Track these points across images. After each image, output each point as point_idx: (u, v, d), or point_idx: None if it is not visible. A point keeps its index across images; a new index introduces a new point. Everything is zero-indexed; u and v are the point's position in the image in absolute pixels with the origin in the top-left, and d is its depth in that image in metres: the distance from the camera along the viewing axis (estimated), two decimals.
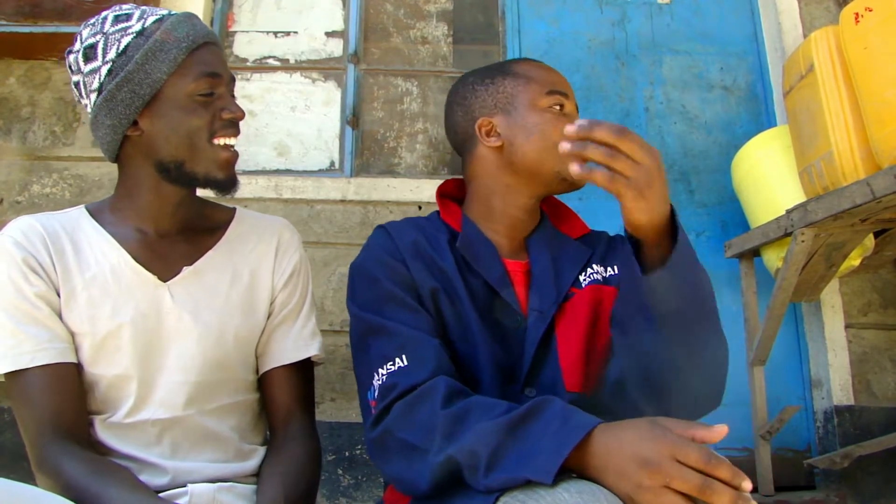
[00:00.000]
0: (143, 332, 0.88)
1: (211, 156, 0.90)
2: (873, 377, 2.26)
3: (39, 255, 0.86)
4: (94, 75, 0.89)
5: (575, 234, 1.04)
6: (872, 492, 2.12)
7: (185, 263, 0.93)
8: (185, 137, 0.88)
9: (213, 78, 0.90)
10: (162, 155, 0.90)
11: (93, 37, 0.89)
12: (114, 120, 0.88)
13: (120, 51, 0.87)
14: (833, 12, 2.52)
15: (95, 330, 0.86)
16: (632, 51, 2.61)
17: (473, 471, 0.70)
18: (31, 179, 2.32)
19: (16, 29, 2.23)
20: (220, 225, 1.01)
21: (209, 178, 0.91)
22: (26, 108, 2.39)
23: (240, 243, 0.99)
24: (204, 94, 0.89)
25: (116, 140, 0.91)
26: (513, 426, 0.70)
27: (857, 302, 2.33)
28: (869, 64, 1.72)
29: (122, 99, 0.87)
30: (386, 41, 2.68)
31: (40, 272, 0.85)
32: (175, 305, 0.90)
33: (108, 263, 0.90)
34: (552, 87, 0.98)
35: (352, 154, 2.52)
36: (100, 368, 0.87)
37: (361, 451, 2.12)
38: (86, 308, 0.87)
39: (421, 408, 0.78)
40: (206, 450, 0.90)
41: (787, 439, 2.24)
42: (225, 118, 0.90)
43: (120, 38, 0.88)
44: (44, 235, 0.88)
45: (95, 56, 0.88)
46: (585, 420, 0.69)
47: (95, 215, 0.95)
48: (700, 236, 2.46)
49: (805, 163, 1.96)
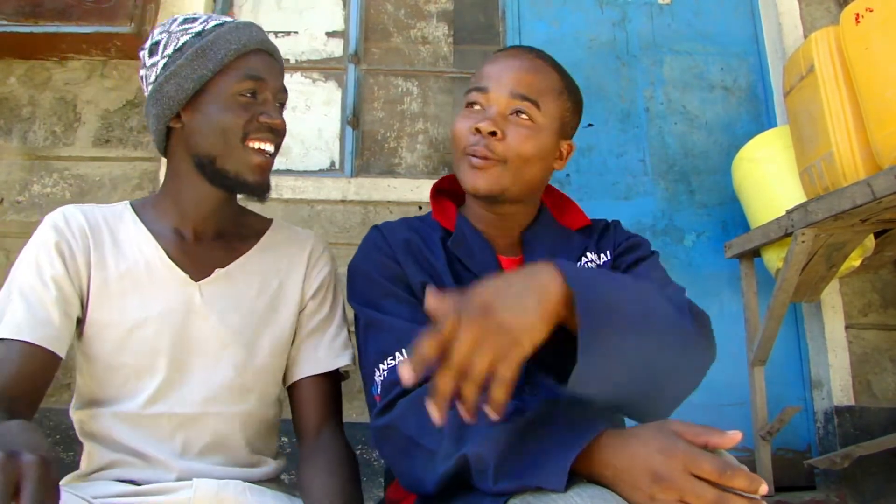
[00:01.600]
0: (169, 326, 0.91)
1: (243, 157, 0.92)
2: (873, 377, 2.26)
3: (74, 243, 0.90)
4: (153, 69, 0.93)
5: (575, 226, 1.03)
6: (872, 492, 2.12)
7: (217, 266, 0.96)
8: (218, 134, 0.91)
9: (257, 81, 0.92)
10: (198, 149, 0.93)
11: (160, 35, 0.94)
12: (158, 110, 0.93)
13: (177, 48, 0.92)
14: (833, 13, 2.52)
15: (123, 319, 0.89)
16: (632, 51, 2.61)
17: (482, 475, 0.70)
18: (32, 179, 2.32)
19: (16, 29, 2.23)
20: (256, 233, 1.04)
21: (239, 178, 0.93)
22: (27, 108, 2.39)
23: (272, 252, 1.02)
24: (246, 94, 0.92)
25: (161, 130, 0.95)
26: (520, 431, 0.70)
27: (858, 302, 2.33)
28: (869, 64, 1.72)
29: (167, 91, 0.91)
30: (386, 41, 2.68)
31: (67, 258, 0.89)
32: (203, 305, 0.93)
33: (143, 258, 0.93)
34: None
35: (352, 154, 2.52)
36: (124, 357, 0.89)
37: (362, 450, 2.12)
38: (116, 298, 0.90)
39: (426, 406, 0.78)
40: (215, 453, 0.91)
41: (788, 440, 2.24)
42: (262, 122, 0.92)
43: (180, 36, 0.92)
44: (84, 225, 0.92)
45: (157, 52, 0.93)
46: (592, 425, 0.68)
47: (138, 211, 0.98)
48: (700, 236, 2.46)
49: (805, 163, 1.96)
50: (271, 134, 0.94)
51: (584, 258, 0.99)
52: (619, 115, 2.55)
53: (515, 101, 0.91)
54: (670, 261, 2.43)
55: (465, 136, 0.92)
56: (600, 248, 1.00)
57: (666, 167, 2.51)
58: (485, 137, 0.90)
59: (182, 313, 0.92)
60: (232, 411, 0.92)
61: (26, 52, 2.37)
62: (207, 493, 0.84)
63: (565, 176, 2.48)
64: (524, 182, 0.93)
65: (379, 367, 0.84)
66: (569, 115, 0.98)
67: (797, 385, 2.34)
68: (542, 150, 0.93)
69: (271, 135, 0.94)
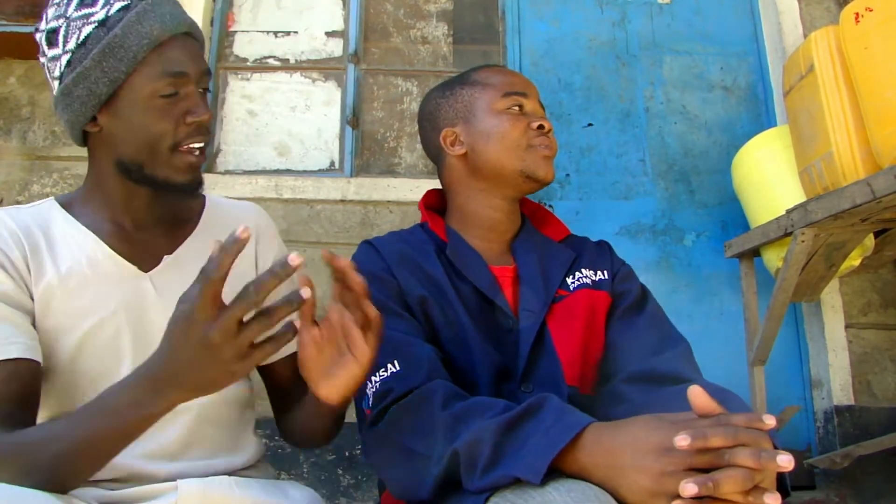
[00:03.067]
0: (126, 325, 0.84)
1: (173, 163, 0.85)
2: (873, 377, 2.26)
3: (10, 252, 0.81)
4: (55, 63, 0.84)
5: (557, 237, 1.06)
6: (872, 492, 2.12)
7: (164, 253, 0.89)
8: (144, 143, 0.83)
9: (178, 77, 0.83)
10: (121, 154, 0.85)
11: (55, 20, 0.83)
12: (70, 115, 0.84)
13: (80, 42, 0.81)
14: (833, 12, 2.52)
15: (76, 325, 0.82)
16: (632, 51, 2.61)
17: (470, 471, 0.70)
18: (32, 179, 2.32)
19: (16, 29, 2.23)
20: (194, 213, 0.97)
21: (170, 182, 0.86)
22: (26, 108, 2.39)
23: (216, 230, 0.94)
24: (166, 95, 0.83)
25: (77, 135, 0.87)
26: (509, 425, 0.70)
27: (858, 302, 2.33)
28: (869, 64, 1.72)
29: (78, 95, 0.82)
30: (386, 41, 2.68)
31: (10, 269, 0.80)
32: (158, 296, 0.86)
33: (84, 255, 0.85)
34: (508, 88, 1.01)
35: (352, 154, 2.52)
36: (82, 365, 0.82)
37: (362, 450, 2.12)
38: (63, 304, 0.82)
39: (419, 411, 0.78)
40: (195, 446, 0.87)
41: (788, 439, 2.24)
42: (189, 123, 0.84)
43: (81, 26, 0.82)
44: (16, 231, 0.83)
45: (56, 42, 0.83)
46: (578, 419, 0.68)
47: (67, 207, 0.90)
48: (700, 236, 2.46)
49: (805, 163, 1.96)
50: (200, 133, 0.86)
51: (577, 273, 1.00)
52: (618, 114, 2.55)
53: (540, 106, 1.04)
54: (670, 260, 2.43)
55: (523, 133, 1.00)
56: (596, 266, 1.02)
57: (666, 167, 2.51)
58: (548, 135, 1.01)
59: (137, 309, 0.85)
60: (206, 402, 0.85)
61: (26, 52, 2.37)
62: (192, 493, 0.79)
63: (565, 176, 2.48)
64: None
65: (371, 379, 0.83)
66: None
67: (797, 385, 2.34)
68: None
69: (200, 134, 0.86)
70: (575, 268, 1.01)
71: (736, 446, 0.58)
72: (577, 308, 0.96)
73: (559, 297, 0.97)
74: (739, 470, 0.56)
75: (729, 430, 0.58)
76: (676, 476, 0.59)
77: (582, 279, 1.00)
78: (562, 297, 0.97)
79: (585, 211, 2.46)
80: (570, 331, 0.94)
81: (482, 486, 0.68)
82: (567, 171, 2.49)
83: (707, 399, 0.62)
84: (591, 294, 0.98)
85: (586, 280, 1.00)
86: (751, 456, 0.56)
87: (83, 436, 0.66)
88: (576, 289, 0.98)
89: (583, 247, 1.06)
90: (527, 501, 0.63)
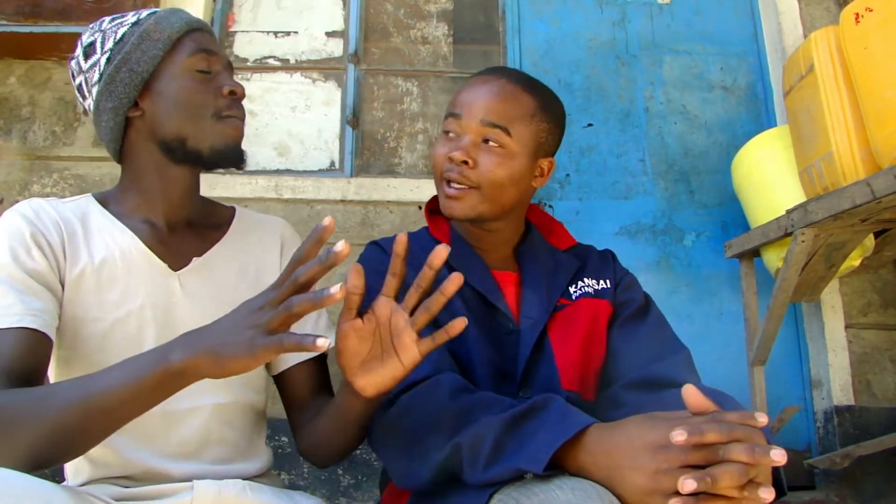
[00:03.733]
0: (151, 320, 0.87)
1: (215, 131, 0.91)
2: (873, 377, 2.26)
3: (49, 235, 0.85)
4: (94, 69, 0.90)
5: (563, 246, 1.06)
6: (872, 492, 2.12)
7: (193, 255, 0.93)
8: (187, 112, 0.89)
9: (209, 55, 0.91)
10: (165, 132, 0.90)
11: (91, 35, 0.92)
12: (115, 102, 0.89)
13: (117, 40, 0.89)
14: (833, 12, 2.52)
15: (103, 316, 0.85)
16: (632, 51, 2.61)
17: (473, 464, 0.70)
18: (32, 179, 2.32)
19: (16, 29, 2.23)
20: (225, 220, 1.01)
21: (214, 150, 0.91)
22: (26, 108, 2.39)
23: (244, 239, 1.00)
24: (201, 70, 0.90)
25: (119, 124, 0.91)
26: (514, 421, 0.71)
27: (858, 302, 2.33)
28: (869, 64, 1.72)
29: (121, 79, 0.88)
30: (386, 41, 2.68)
31: (46, 251, 0.84)
32: (185, 295, 0.90)
33: (119, 249, 0.89)
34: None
35: (352, 154, 2.52)
36: (105, 356, 0.84)
37: (361, 450, 2.12)
38: (94, 293, 0.86)
39: (427, 401, 0.79)
40: (211, 449, 0.89)
41: (788, 439, 2.24)
42: (225, 93, 0.91)
43: (116, 29, 0.90)
44: (57, 219, 0.87)
45: (94, 51, 0.90)
46: (582, 418, 0.69)
47: (103, 203, 0.95)
48: (700, 236, 2.46)
49: (805, 163, 1.96)
50: (237, 106, 0.93)
51: (580, 282, 1.01)
52: (618, 114, 2.55)
53: (486, 128, 0.92)
54: (670, 260, 2.43)
55: (441, 163, 0.95)
56: (599, 275, 1.02)
57: (666, 167, 2.51)
58: (458, 165, 0.92)
59: (163, 305, 0.88)
60: (222, 403, 0.90)
61: (26, 52, 2.38)
62: (207, 494, 0.82)
63: (565, 176, 2.48)
64: (500, 205, 0.95)
65: None
66: (545, 134, 0.98)
67: (797, 385, 2.34)
68: (516, 174, 0.94)
69: (237, 108, 0.93)
70: (578, 277, 1.01)
71: (730, 442, 0.58)
72: (578, 316, 0.97)
73: (561, 306, 0.97)
74: (735, 465, 0.57)
75: (723, 426, 0.59)
76: (672, 473, 0.59)
77: (584, 288, 1.00)
78: (564, 306, 0.97)
79: (585, 211, 2.46)
80: (570, 338, 0.95)
81: (485, 479, 0.69)
82: (567, 171, 2.49)
83: (701, 397, 0.62)
84: (593, 303, 0.99)
85: (588, 289, 1.00)
86: (745, 451, 0.57)
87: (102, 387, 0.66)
88: (578, 297, 0.99)
89: (587, 256, 1.06)
90: (530, 499, 0.64)
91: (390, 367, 0.70)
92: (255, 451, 0.96)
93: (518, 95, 0.95)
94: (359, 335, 0.70)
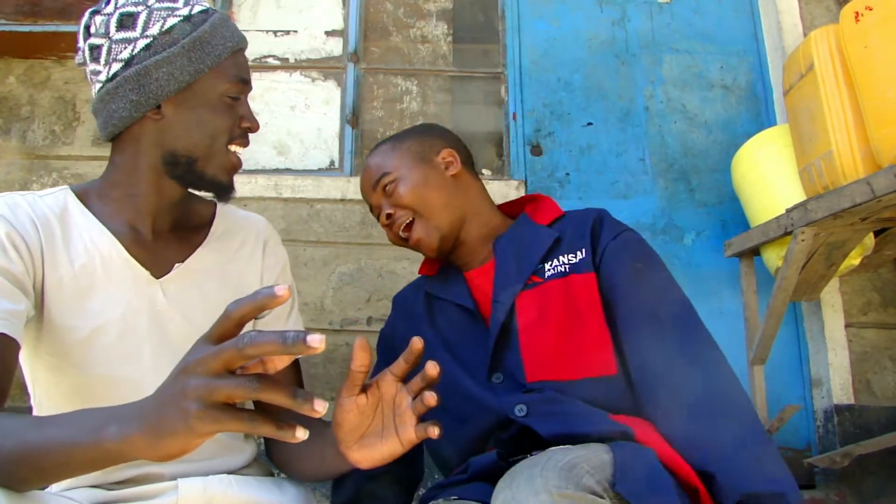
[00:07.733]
0: (133, 329, 0.84)
1: (223, 160, 0.89)
2: (873, 376, 2.26)
3: (28, 236, 0.80)
4: (126, 45, 0.84)
5: (546, 221, 1.05)
6: (872, 491, 2.12)
7: (175, 260, 0.90)
8: (207, 136, 0.87)
9: (244, 84, 0.90)
10: (177, 145, 0.87)
11: (133, 6, 0.85)
12: (140, 97, 0.84)
13: (164, 29, 0.84)
14: (833, 11, 2.52)
15: (82, 324, 0.82)
16: (632, 50, 2.61)
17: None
18: (31, 178, 2.32)
19: (16, 28, 2.23)
20: (205, 221, 0.98)
21: (215, 180, 0.89)
22: (26, 108, 2.39)
23: (225, 241, 0.98)
24: (233, 97, 0.89)
25: (132, 118, 0.86)
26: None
27: (857, 301, 2.33)
28: (869, 63, 1.72)
29: (157, 78, 0.84)
30: (386, 40, 2.68)
31: (23, 252, 0.79)
32: (168, 305, 0.87)
33: (99, 254, 0.85)
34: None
35: (351, 153, 2.51)
36: (90, 366, 0.82)
37: None
38: (73, 300, 0.82)
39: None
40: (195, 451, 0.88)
41: (787, 438, 2.24)
42: (243, 127, 0.90)
43: (166, 16, 0.85)
44: (33, 217, 0.83)
45: (134, 26, 0.84)
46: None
47: (83, 199, 0.89)
48: (700, 235, 2.46)
49: (805, 162, 1.96)
50: (246, 139, 0.92)
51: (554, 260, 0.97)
52: (618, 114, 2.55)
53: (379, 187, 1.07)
54: (670, 260, 2.43)
55: (395, 239, 1.09)
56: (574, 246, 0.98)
57: (665, 166, 2.51)
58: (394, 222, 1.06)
59: (145, 314, 0.85)
60: None
61: (26, 52, 2.37)
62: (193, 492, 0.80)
63: (565, 175, 2.48)
64: (440, 211, 1.04)
65: None
66: (414, 146, 1.09)
67: (797, 384, 2.33)
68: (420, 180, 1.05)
69: (246, 140, 0.92)
70: (556, 253, 0.98)
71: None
72: (548, 300, 0.94)
73: (532, 284, 0.96)
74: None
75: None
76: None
77: (558, 267, 0.97)
78: (535, 284, 0.96)
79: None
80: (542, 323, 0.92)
81: None
82: (567, 170, 2.49)
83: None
84: (564, 283, 0.95)
85: (561, 268, 0.96)
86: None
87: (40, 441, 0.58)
88: (549, 278, 0.96)
89: (569, 226, 1.02)
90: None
91: (389, 444, 0.71)
92: (239, 443, 0.94)
93: (376, 156, 1.10)
94: (360, 410, 0.71)
